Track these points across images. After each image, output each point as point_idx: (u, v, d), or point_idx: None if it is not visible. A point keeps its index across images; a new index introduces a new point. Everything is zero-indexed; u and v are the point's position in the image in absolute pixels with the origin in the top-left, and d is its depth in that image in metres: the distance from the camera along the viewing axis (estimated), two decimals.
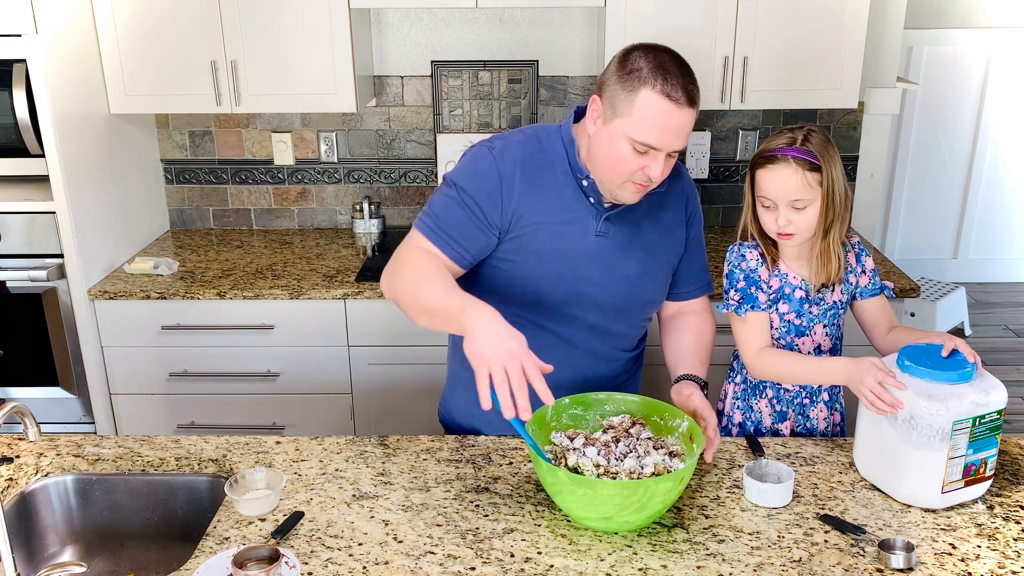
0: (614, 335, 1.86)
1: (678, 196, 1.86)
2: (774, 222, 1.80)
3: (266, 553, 1.39)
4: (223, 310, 2.77)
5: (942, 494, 1.56)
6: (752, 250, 1.88)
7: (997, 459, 1.63)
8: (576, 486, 1.45)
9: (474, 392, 1.44)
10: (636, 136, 1.60)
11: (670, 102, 1.57)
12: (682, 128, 1.61)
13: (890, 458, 1.60)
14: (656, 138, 1.60)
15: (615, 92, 1.62)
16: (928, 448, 1.54)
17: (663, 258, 1.85)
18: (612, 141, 1.63)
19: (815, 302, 1.87)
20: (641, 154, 1.62)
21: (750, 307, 1.86)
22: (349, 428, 2.89)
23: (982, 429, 1.55)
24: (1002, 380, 1.63)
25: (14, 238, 2.69)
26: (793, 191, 1.76)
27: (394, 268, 1.70)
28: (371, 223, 3.28)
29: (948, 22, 4.96)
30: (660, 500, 1.46)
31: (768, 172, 1.78)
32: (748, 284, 1.87)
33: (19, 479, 1.73)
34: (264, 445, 1.80)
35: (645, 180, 1.65)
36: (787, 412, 1.94)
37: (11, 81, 2.53)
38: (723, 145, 3.24)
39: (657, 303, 1.91)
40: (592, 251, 1.76)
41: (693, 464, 1.49)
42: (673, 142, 1.61)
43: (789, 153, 1.76)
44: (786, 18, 2.75)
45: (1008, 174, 5.22)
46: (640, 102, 1.58)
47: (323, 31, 2.77)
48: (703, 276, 1.96)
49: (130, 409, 2.89)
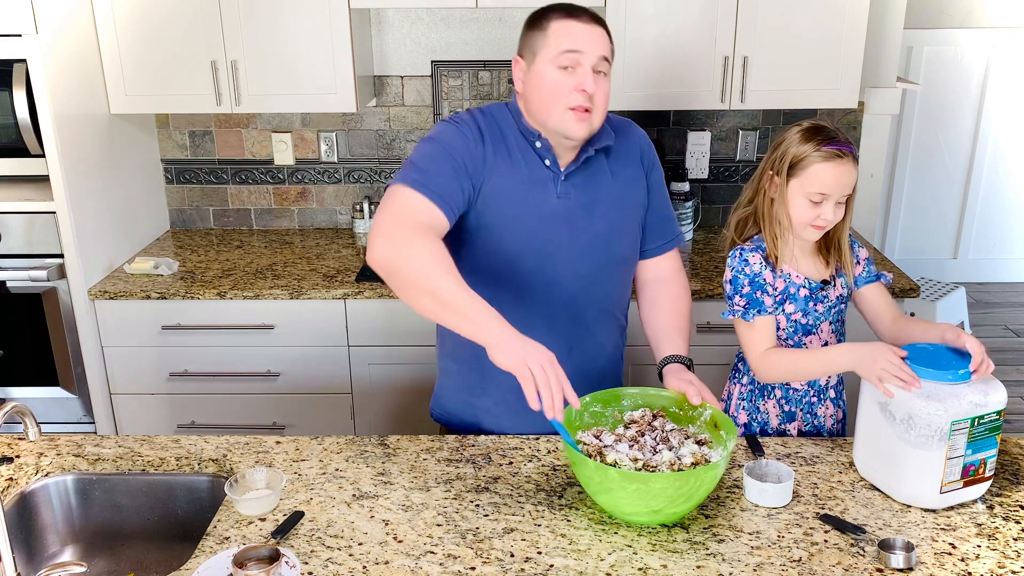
0: (595, 299, 1.88)
1: (632, 149, 1.91)
2: (818, 216, 1.81)
3: (266, 553, 1.39)
4: (223, 310, 2.77)
5: (941, 494, 1.56)
6: (755, 254, 1.87)
7: (997, 459, 1.63)
8: (628, 482, 1.46)
9: (467, 385, 1.45)
10: (555, 52, 1.71)
11: (575, 20, 1.72)
12: (596, 37, 1.73)
13: (889, 458, 1.60)
14: (575, 45, 1.70)
15: (529, 39, 1.76)
16: (926, 448, 1.54)
17: (629, 211, 1.89)
18: (540, 76, 1.73)
19: (820, 300, 1.88)
20: (567, 71, 1.70)
21: (757, 311, 1.84)
22: (349, 428, 2.89)
23: (981, 430, 1.55)
24: (1002, 380, 1.63)
25: (14, 238, 2.69)
26: (851, 184, 1.81)
27: (392, 237, 1.63)
28: (371, 223, 3.28)
29: (948, 22, 4.96)
30: (705, 489, 1.49)
31: (834, 167, 1.79)
32: (753, 288, 1.86)
33: (19, 479, 1.73)
34: (264, 445, 1.80)
35: (583, 100, 1.71)
36: (795, 412, 1.94)
37: (11, 81, 2.53)
38: (723, 145, 3.24)
39: (632, 259, 1.94)
40: (557, 213, 1.80)
41: (731, 450, 1.52)
42: (591, 47, 1.71)
43: (844, 148, 1.80)
44: (786, 18, 2.75)
45: (1008, 174, 5.22)
46: (551, 31, 1.72)
47: (323, 31, 2.77)
48: (671, 228, 1.98)
49: (130, 409, 2.89)
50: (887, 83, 3.15)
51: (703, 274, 2.84)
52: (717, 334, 2.73)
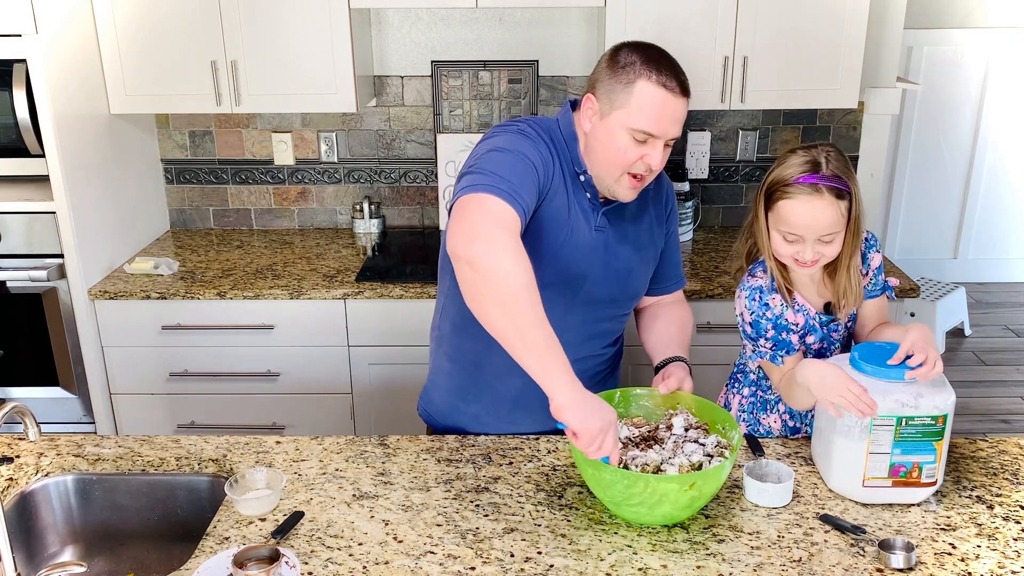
0: (600, 330, 1.88)
1: (660, 195, 1.91)
2: (796, 253, 1.70)
3: (266, 553, 1.39)
4: (223, 310, 2.77)
5: (864, 487, 1.58)
6: (774, 296, 1.79)
7: (944, 470, 1.59)
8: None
9: (459, 388, 1.45)
10: (636, 125, 1.64)
11: (666, 91, 1.63)
12: (678, 116, 1.67)
13: (824, 445, 1.66)
14: (655, 126, 1.64)
15: (611, 87, 1.66)
16: (849, 438, 1.58)
17: (648, 253, 1.89)
18: (611, 134, 1.66)
19: (834, 329, 1.83)
20: (640, 144, 1.66)
21: (785, 353, 1.78)
22: (349, 428, 2.89)
23: (911, 431, 1.54)
24: (1002, 380, 1.63)
25: (14, 238, 2.69)
26: (830, 225, 1.65)
27: (494, 243, 1.49)
28: (371, 223, 3.29)
29: (948, 22, 4.97)
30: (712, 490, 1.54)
31: (797, 204, 1.66)
32: (778, 331, 1.79)
33: (19, 479, 1.73)
34: (264, 445, 1.80)
35: (644, 169, 1.68)
36: (800, 428, 1.93)
37: (11, 81, 2.53)
38: (723, 145, 3.24)
39: (640, 296, 1.95)
40: (593, 245, 1.78)
41: (735, 449, 1.56)
42: (670, 128, 1.66)
43: (821, 183, 1.64)
44: (786, 18, 2.75)
45: (1008, 174, 5.22)
46: (637, 93, 1.63)
47: (323, 31, 2.77)
48: (678, 271, 2.02)
49: (130, 409, 2.89)
50: (887, 83, 3.15)
51: (703, 274, 2.84)
52: (717, 334, 2.73)
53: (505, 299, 1.48)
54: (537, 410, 1.84)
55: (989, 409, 3.94)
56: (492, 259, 1.48)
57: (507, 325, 1.49)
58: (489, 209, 1.54)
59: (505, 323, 1.49)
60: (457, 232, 1.52)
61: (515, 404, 1.86)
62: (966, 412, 3.91)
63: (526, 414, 1.86)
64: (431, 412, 2.00)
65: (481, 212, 1.53)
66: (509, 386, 1.83)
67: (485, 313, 1.51)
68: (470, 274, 1.50)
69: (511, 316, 1.48)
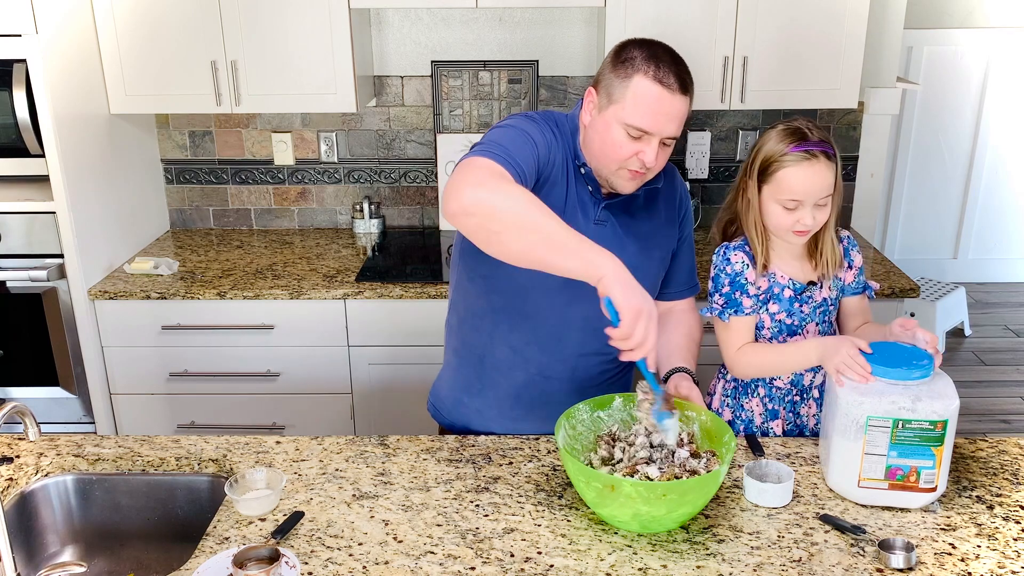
0: (605, 324, 1.86)
1: (672, 195, 1.88)
2: (797, 221, 1.76)
3: (266, 553, 1.39)
4: (223, 310, 2.77)
5: (859, 487, 1.58)
6: (738, 252, 1.85)
7: (946, 476, 1.57)
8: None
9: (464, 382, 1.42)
10: (629, 120, 1.63)
11: (662, 87, 1.62)
12: (675, 114, 1.64)
13: (825, 442, 1.67)
14: (649, 122, 1.63)
15: (610, 81, 1.66)
16: (845, 437, 1.58)
17: (656, 253, 1.86)
18: (607, 127, 1.66)
19: (804, 300, 1.87)
20: (635, 139, 1.65)
21: (733, 312, 1.84)
22: (349, 428, 2.89)
23: (908, 435, 1.54)
24: (1002, 380, 1.63)
25: (14, 238, 2.69)
26: (827, 187, 1.74)
27: (487, 184, 1.50)
28: (371, 223, 3.29)
29: (948, 22, 4.97)
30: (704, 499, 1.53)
31: (797, 170, 1.73)
32: (733, 288, 1.85)
33: (19, 479, 1.73)
34: (264, 445, 1.80)
35: (639, 166, 1.67)
36: (778, 411, 1.94)
37: (11, 81, 2.53)
38: (723, 145, 3.24)
39: None
40: (594, 238, 1.75)
41: (730, 454, 1.55)
42: (665, 126, 1.64)
43: (814, 148, 1.72)
44: (786, 18, 2.75)
45: (1008, 174, 5.22)
46: (633, 87, 1.63)
47: (323, 31, 2.77)
48: (692, 278, 1.99)
49: (130, 409, 2.89)
50: (887, 83, 3.15)
51: (702, 274, 2.83)
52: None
53: (521, 221, 1.46)
54: (538, 407, 1.85)
55: (989, 409, 3.94)
56: (484, 196, 1.48)
57: (530, 242, 1.47)
58: (476, 166, 1.53)
59: (527, 242, 1.47)
60: (448, 193, 1.51)
61: (517, 399, 1.86)
62: (966, 412, 3.90)
63: (528, 410, 1.87)
64: (439, 407, 2.01)
65: (468, 170, 1.53)
66: (512, 381, 1.85)
67: (505, 248, 1.49)
68: (473, 222, 1.49)
69: (528, 232, 1.46)
